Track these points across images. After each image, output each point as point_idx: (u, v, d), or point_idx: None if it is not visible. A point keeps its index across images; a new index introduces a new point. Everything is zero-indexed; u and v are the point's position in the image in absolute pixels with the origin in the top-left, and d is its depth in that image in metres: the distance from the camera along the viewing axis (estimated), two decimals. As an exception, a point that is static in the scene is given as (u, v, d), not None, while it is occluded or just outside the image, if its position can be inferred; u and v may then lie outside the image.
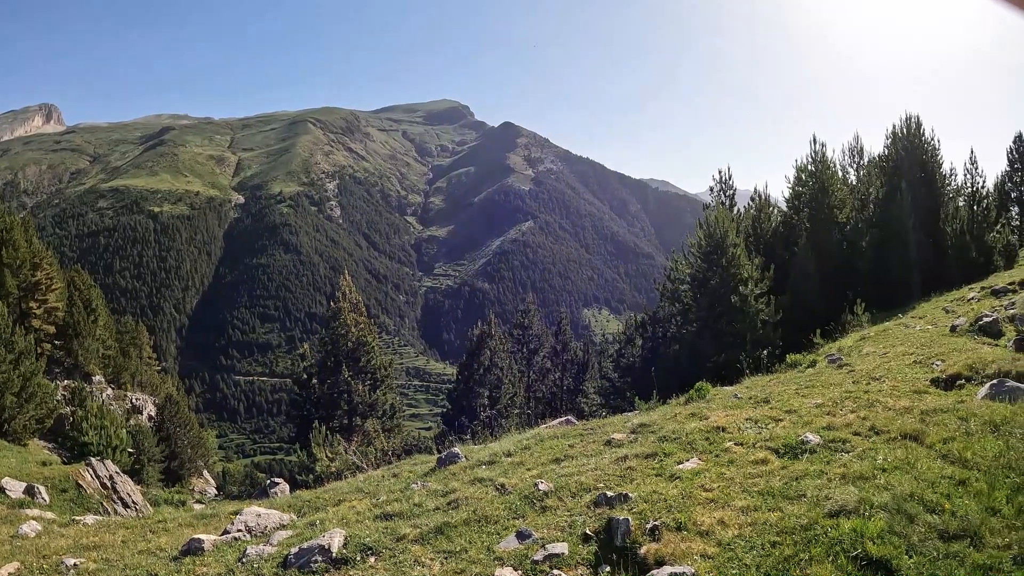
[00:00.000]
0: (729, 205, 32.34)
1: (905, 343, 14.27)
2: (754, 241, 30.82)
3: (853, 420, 8.43)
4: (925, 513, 5.47)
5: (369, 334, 28.62)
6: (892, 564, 4.81)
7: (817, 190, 31.95)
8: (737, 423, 9.01)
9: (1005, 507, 5.43)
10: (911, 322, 17.87)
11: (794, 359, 16.06)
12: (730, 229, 25.37)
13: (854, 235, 31.65)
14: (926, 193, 31.94)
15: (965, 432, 7.28)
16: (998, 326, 13.22)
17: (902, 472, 6.38)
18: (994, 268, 28.88)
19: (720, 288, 24.08)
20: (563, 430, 10.80)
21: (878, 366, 12.30)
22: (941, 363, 11.33)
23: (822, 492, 6.07)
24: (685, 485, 6.80)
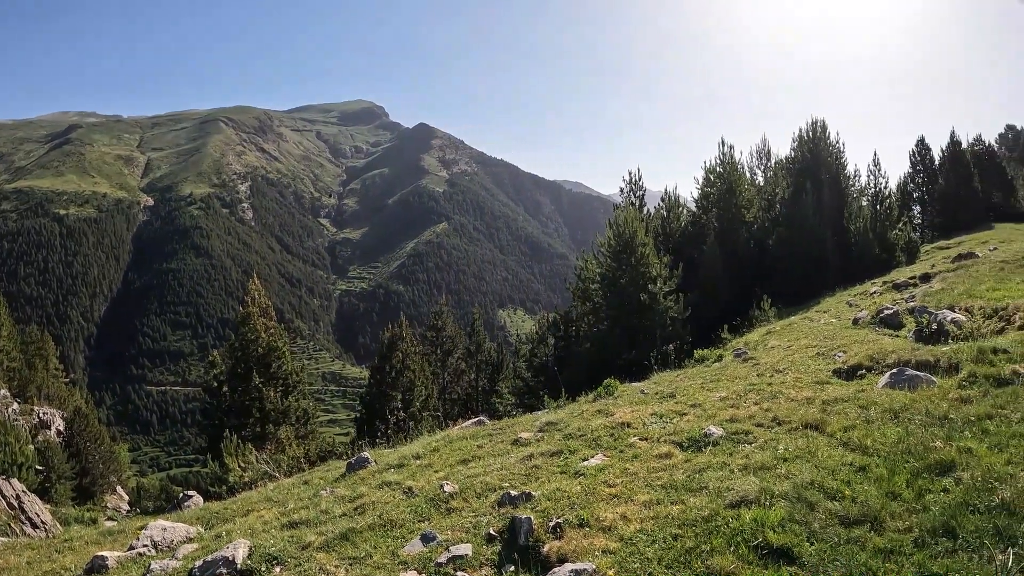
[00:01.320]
0: (639, 206, 33.42)
1: (809, 336, 14.80)
2: (663, 240, 32.13)
3: (756, 412, 8.67)
4: (826, 500, 5.60)
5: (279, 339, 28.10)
6: (793, 552, 4.89)
7: (725, 190, 33.73)
8: (642, 418, 9.17)
9: (905, 491, 5.59)
10: (816, 316, 18.62)
11: (702, 354, 16.54)
12: (639, 229, 26.10)
13: (761, 233, 33.44)
14: (831, 193, 34.02)
15: (865, 420, 7.53)
16: (898, 318, 13.87)
17: (803, 461, 6.55)
18: (896, 264, 30.93)
19: (629, 287, 24.77)
20: (473, 431, 10.95)
21: (782, 359, 12.72)
22: (843, 354, 11.77)
23: (724, 483, 6.19)
24: (589, 482, 6.88)
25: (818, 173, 34.65)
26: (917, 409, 7.56)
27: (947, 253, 29.42)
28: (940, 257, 28.86)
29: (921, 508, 5.30)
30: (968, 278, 17.33)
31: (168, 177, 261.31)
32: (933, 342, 11.46)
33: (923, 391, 8.36)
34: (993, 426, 6.75)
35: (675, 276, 26.42)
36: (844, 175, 36.43)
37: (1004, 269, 17.65)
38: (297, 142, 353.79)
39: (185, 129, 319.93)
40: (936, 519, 5.05)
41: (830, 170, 35.40)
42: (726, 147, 34.97)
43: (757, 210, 34.80)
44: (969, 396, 7.80)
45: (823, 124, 36.23)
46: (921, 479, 5.78)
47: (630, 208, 29.56)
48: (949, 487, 5.57)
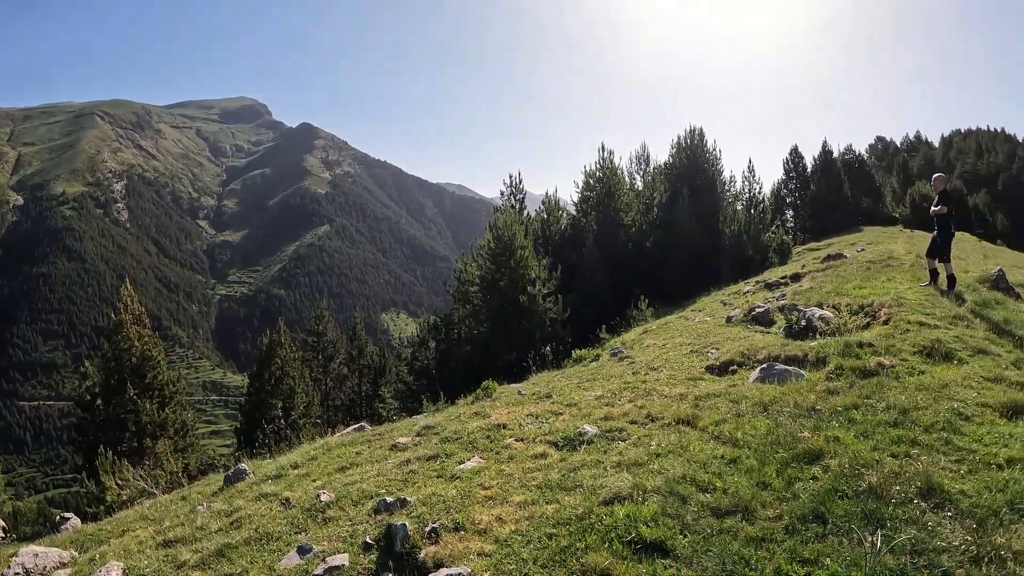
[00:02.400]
0: (519, 208, 34.50)
1: (684, 334, 15.27)
2: (543, 243, 33.22)
3: (631, 409, 8.83)
4: (698, 493, 5.75)
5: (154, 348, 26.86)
6: (667, 545, 5.00)
7: (604, 194, 35.23)
8: (519, 419, 9.25)
9: (775, 481, 5.81)
10: (691, 315, 19.27)
11: (579, 354, 16.84)
12: (518, 231, 26.59)
13: (639, 236, 35.07)
14: (707, 197, 36.20)
15: (736, 414, 7.79)
16: (770, 316, 14.53)
17: (676, 456, 6.71)
18: (769, 264, 32.98)
19: (509, 289, 25.16)
20: (352, 437, 10.89)
21: (657, 357, 13.04)
22: (716, 351, 12.18)
23: (598, 481, 6.28)
24: (465, 485, 6.90)
25: (695, 178, 36.80)
26: (786, 402, 7.89)
27: (817, 254, 31.12)
28: (811, 258, 30.50)
29: (791, 496, 5.51)
30: (836, 277, 18.36)
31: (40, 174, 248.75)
32: (802, 338, 12.00)
33: (792, 384, 8.75)
34: (859, 415, 7.13)
35: (554, 278, 27.10)
36: (720, 180, 38.88)
37: (870, 269, 18.78)
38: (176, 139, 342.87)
39: (59, 123, 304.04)
40: (806, 506, 5.27)
41: (707, 176, 37.68)
42: (606, 152, 36.55)
43: (636, 213, 36.34)
44: (836, 388, 8.21)
45: (700, 132, 38.54)
46: (791, 468, 6.02)
47: (510, 211, 30.16)
48: (818, 475, 5.82)
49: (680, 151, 38.32)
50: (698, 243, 33.28)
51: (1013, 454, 5.97)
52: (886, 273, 17.35)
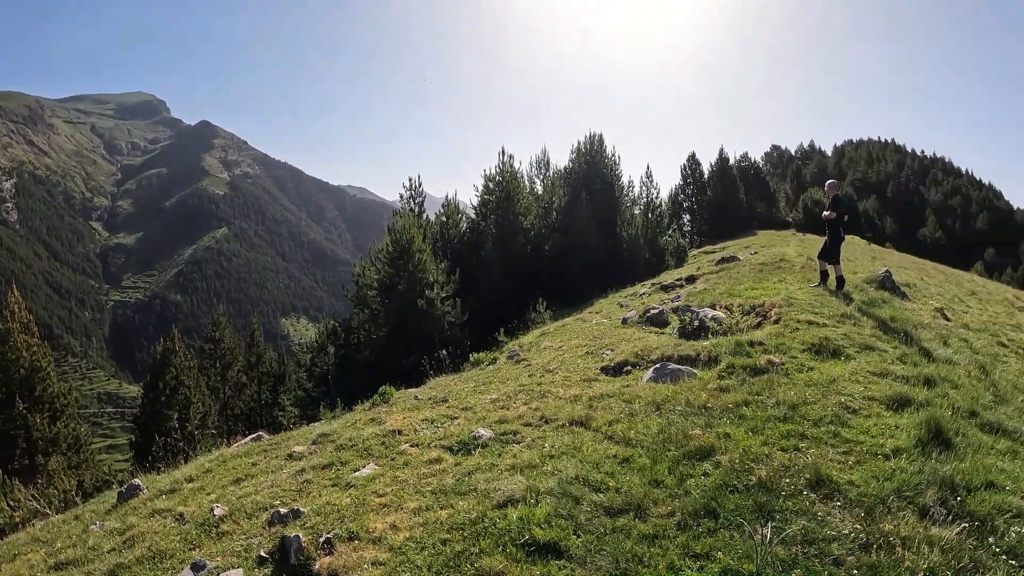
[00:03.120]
0: (418, 212, 34.67)
1: (580, 336, 15.38)
2: (442, 246, 33.32)
3: (525, 412, 8.84)
4: (591, 493, 5.75)
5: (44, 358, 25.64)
6: (560, 545, 5.00)
7: (504, 198, 35.66)
8: (414, 425, 9.18)
9: (668, 478, 5.86)
10: (588, 316, 19.49)
11: (477, 357, 16.90)
12: (416, 235, 26.79)
13: (538, 239, 35.60)
14: (606, 202, 37.32)
15: (629, 414, 7.86)
16: (664, 317, 14.79)
17: (569, 457, 6.72)
18: (666, 266, 34.06)
19: (407, 293, 25.35)
20: (248, 447, 10.66)
21: (553, 359, 13.09)
22: (611, 352, 12.29)
23: (492, 485, 6.26)
24: (359, 493, 6.80)
25: (594, 183, 37.93)
26: (678, 400, 8.00)
27: (712, 257, 32.06)
28: (706, 260, 31.36)
29: (683, 493, 5.56)
30: (729, 279, 18.89)
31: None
32: (695, 338, 12.24)
33: (684, 383, 8.90)
34: (750, 412, 7.29)
35: (452, 281, 27.39)
36: (619, 185, 40.03)
37: (762, 271, 19.42)
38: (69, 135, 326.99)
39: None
40: (698, 502, 5.32)
41: (605, 180, 38.82)
42: (506, 156, 37.09)
43: (535, 217, 36.93)
44: (727, 386, 8.39)
45: (600, 138, 39.81)
46: (683, 466, 6.08)
47: (408, 214, 30.50)
48: (709, 471, 5.91)
49: (580, 156, 39.36)
50: (596, 246, 34.15)
51: (899, 444, 6.23)
52: (778, 275, 17.97)
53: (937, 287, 21.17)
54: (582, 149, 39.49)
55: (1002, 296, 24.69)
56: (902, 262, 33.20)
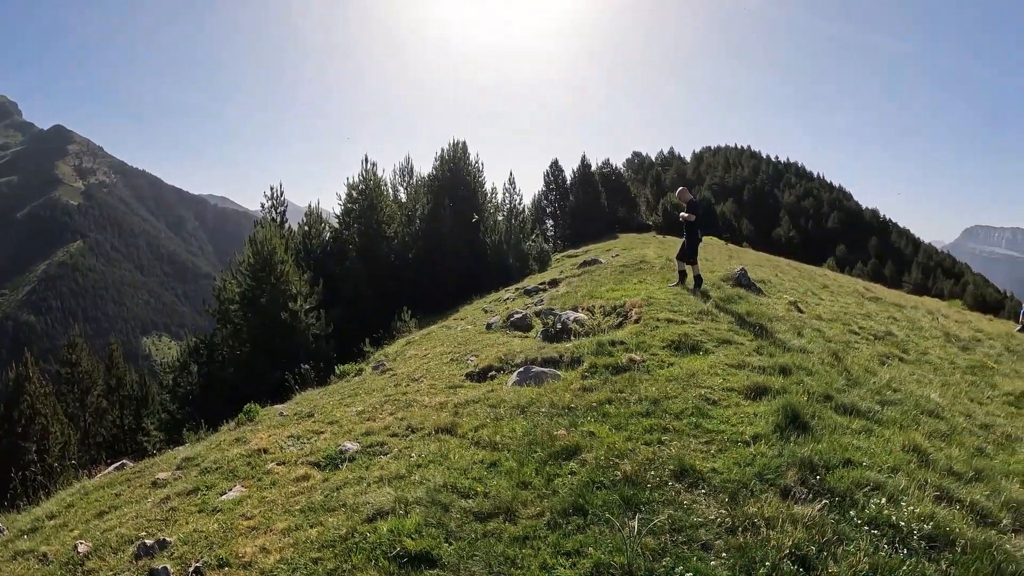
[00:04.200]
0: (280, 221, 34.04)
1: (445, 343, 15.45)
2: (305, 257, 32.87)
3: (392, 422, 8.81)
4: (460, 500, 5.75)
5: None
6: (433, 554, 4.98)
7: (367, 206, 35.60)
8: (280, 442, 9.02)
9: (535, 479, 5.90)
10: (453, 323, 19.55)
11: (343, 369, 16.74)
12: (279, 245, 26.40)
13: (403, 248, 35.66)
14: (469, 209, 37.74)
15: (495, 418, 7.92)
16: (528, 321, 15.01)
17: (437, 465, 6.72)
18: (530, 271, 34.62)
19: (270, 306, 25.03)
20: (112, 477, 10.25)
21: (419, 367, 13.13)
22: (475, 358, 12.42)
23: (360, 498, 6.21)
24: (227, 517, 6.63)
25: (458, 190, 38.36)
26: (543, 402, 8.10)
27: (575, 260, 32.86)
28: (569, 264, 32.19)
29: (551, 492, 5.61)
30: (591, 281, 19.37)
31: None
32: (559, 340, 12.43)
33: (549, 385, 9.02)
34: (613, 409, 7.44)
35: (316, 292, 27.15)
36: (482, 192, 40.58)
37: (623, 272, 19.99)
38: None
39: None
40: (566, 500, 5.37)
41: (469, 187, 39.24)
42: (369, 164, 36.99)
43: (398, 225, 36.93)
44: (591, 385, 8.54)
45: (464, 145, 40.18)
46: (549, 466, 6.14)
47: (270, 224, 29.83)
48: (576, 469, 5.98)
49: (443, 164, 39.59)
50: (460, 253, 34.52)
51: (758, 431, 6.52)
52: (638, 276, 18.56)
53: (791, 282, 22.34)
54: (446, 156, 39.76)
55: (852, 288, 26.36)
56: (758, 260, 34.91)
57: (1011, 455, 7.27)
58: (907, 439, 6.71)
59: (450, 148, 39.90)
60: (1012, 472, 6.58)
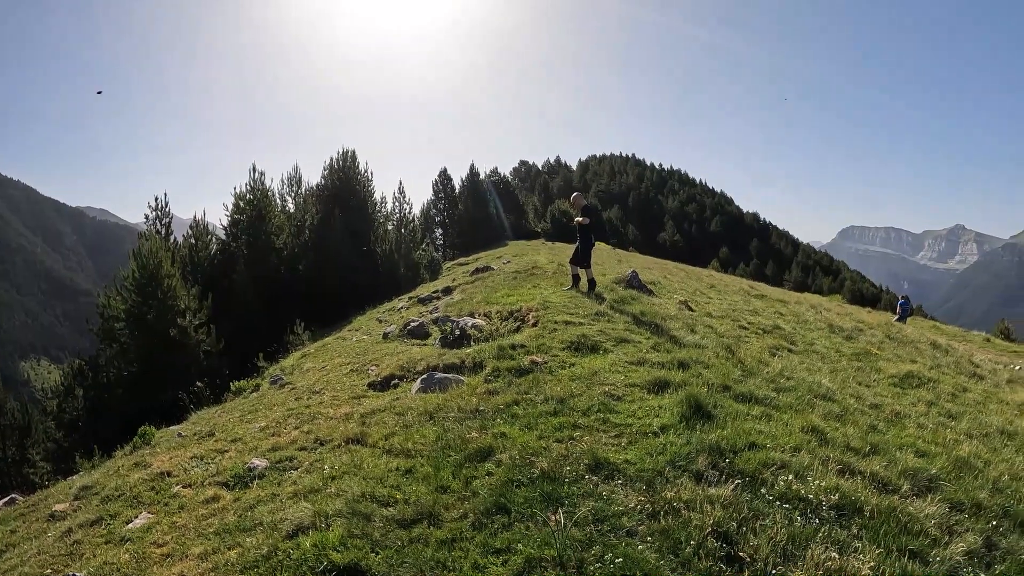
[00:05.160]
0: (165, 234, 32.58)
1: (343, 355, 15.33)
2: (192, 270, 31.84)
3: (298, 436, 8.70)
4: (381, 508, 5.71)
5: None
6: (361, 565, 4.92)
7: (255, 217, 34.78)
8: (183, 464, 8.76)
9: (454, 483, 5.94)
10: (348, 335, 19.40)
11: (239, 386, 16.30)
12: (165, 259, 25.65)
13: (293, 259, 35.13)
14: (360, 218, 37.69)
15: (404, 425, 7.92)
16: (425, 328, 15.03)
17: (351, 476, 6.64)
18: (421, 280, 34.76)
19: (158, 322, 24.35)
20: (4, 513, 9.66)
21: (319, 380, 12.98)
22: (376, 368, 12.38)
23: (277, 515, 6.08)
24: (138, 546, 6.37)
25: (347, 199, 38.09)
26: (450, 407, 8.14)
27: (467, 268, 33.06)
28: (461, 272, 32.38)
29: (472, 494, 5.65)
30: (485, 288, 19.56)
31: None
32: (458, 346, 12.50)
33: (454, 390, 9.08)
34: (521, 410, 7.57)
35: (205, 307, 26.50)
36: (372, 201, 40.44)
37: (516, 278, 20.27)
38: None
39: None
40: (487, 500, 5.43)
41: (359, 197, 39.00)
42: (257, 173, 35.92)
43: (287, 236, 36.25)
44: (496, 388, 8.66)
45: (353, 154, 39.95)
46: (466, 469, 6.19)
47: (155, 237, 28.84)
48: (492, 470, 6.05)
49: (333, 172, 39.33)
50: (351, 264, 34.26)
51: (664, 422, 6.79)
52: (532, 281, 18.86)
53: (680, 283, 23.15)
54: (335, 165, 39.45)
55: (738, 287, 27.53)
56: (646, 264, 36.02)
57: (901, 430, 7.89)
58: (805, 421, 7.16)
59: (339, 157, 39.59)
60: (904, 444, 7.21)
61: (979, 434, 8.70)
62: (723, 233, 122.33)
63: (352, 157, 39.64)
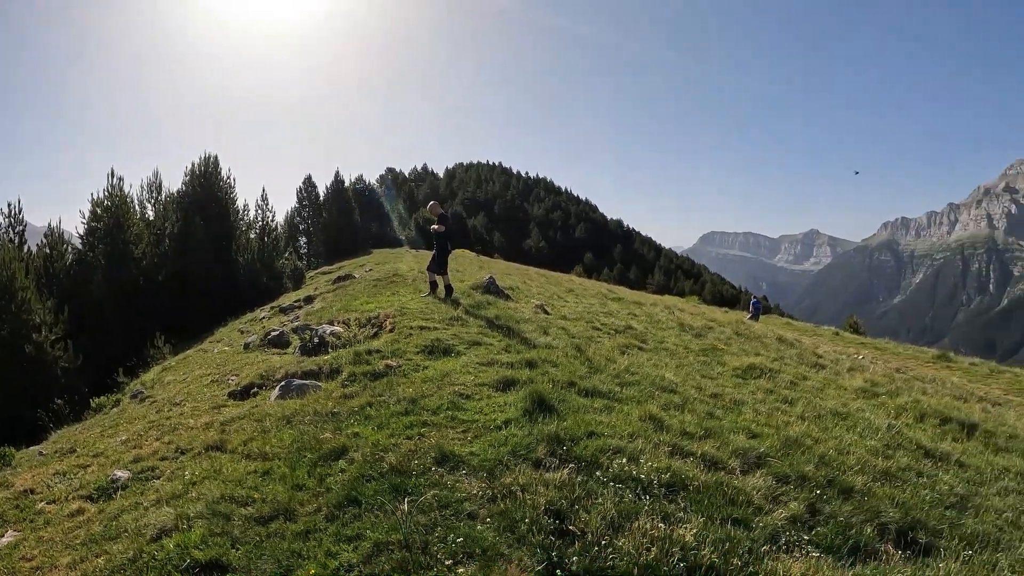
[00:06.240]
0: (19, 243, 30.45)
1: (204, 366, 15.18)
2: (47, 282, 30.02)
3: (159, 447, 8.78)
4: (239, 508, 5.91)
5: None
6: (223, 560, 5.12)
7: (113, 225, 32.95)
8: (46, 481, 8.71)
9: (309, 481, 6.19)
10: (210, 346, 19.08)
11: (99, 402, 16.01)
12: (18, 270, 24.21)
13: (152, 269, 33.61)
14: (222, 226, 36.34)
15: (263, 430, 8.11)
16: (286, 337, 15.05)
17: (211, 480, 6.81)
18: (284, 290, 34.08)
19: (12, 338, 23.00)
20: None
21: (180, 392, 12.90)
22: (236, 377, 12.43)
23: (141, 521, 6.20)
24: (6, 563, 6.39)
25: (209, 207, 36.53)
26: (307, 411, 8.37)
27: (330, 276, 32.83)
28: (323, 281, 32.18)
29: (325, 490, 5.92)
30: (346, 296, 19.63)
31: None
32: (317, 354, 12.62)
33: (311, 396, 9.32)
34: (374, 411, 7.85)
35: (61, 321, 25.32)
36: (234, 209, 39.07)
37: (377, 286, 20.41)
38: None
39: None
40: (340, 495, 5.70)
41: (221, 204, 37.57)
42: (115, 179, 33.94)
43: (147, 245, 34.58)
44: (351, 392, 8.94)
45: (215, 159, 38.36)
46: (320, 467, 6.45)
47: (8, 246, 26.90)
48: (345, 467, 6.32)
49: (194, 178, 37.65)
50: (213, 273, 33.18)
51: (509, 416, 7.24)
52: (391, 288, 19.07)
53: (539, 288, 23.80)
54: (196, 171, 37.84)
55: (596, 291, 28.42)
56: (508, 270, 36.60)
57: (738, 416, 8.65)
58: (644, 411, 7.76)
59: (201, 162, 38.02)
60: (739, 428, 7.94)
61: (812, 416, 9.55)
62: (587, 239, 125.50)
63: (214, 163, 38.22)
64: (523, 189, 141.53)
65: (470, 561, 4.65)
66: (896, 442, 8.95)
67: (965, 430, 11.08)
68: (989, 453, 9.95)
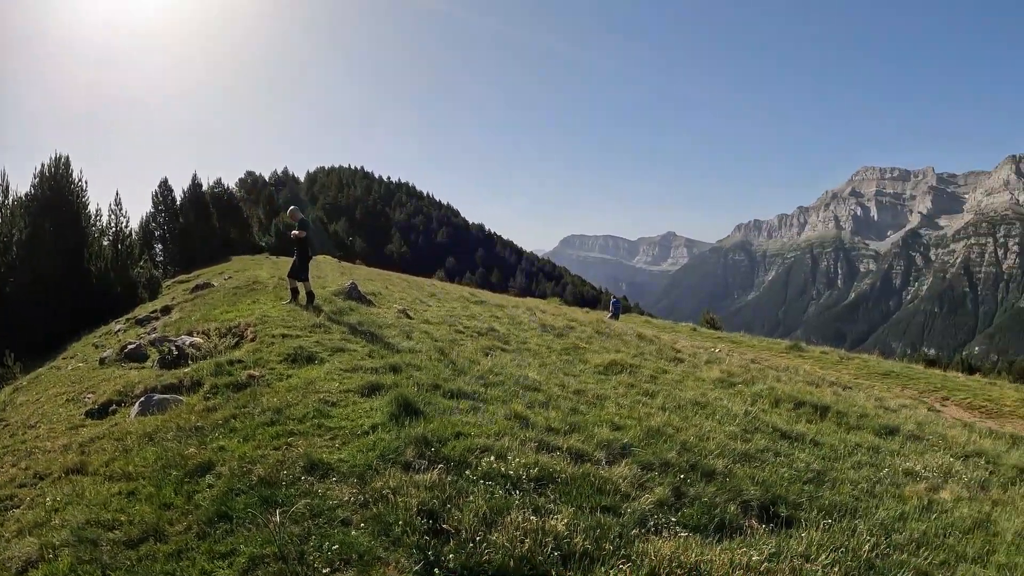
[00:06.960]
0: None
1: (58, 384, 14.30)
2: None
3: (16, 473, 8.26)
4: (106, 532, 5.68)
5: None
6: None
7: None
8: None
9: (176, 499, 6.02)
10: (63, 363, 17.95)
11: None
12: None
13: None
14: (73, 233, 33.58)
15: (124, 450, 7.78)
16: (143, 351, 14.38)
17: (74, 505, 6.48)
18: (140, 300, 32.18)
19: None
20: None
21: (33, 413, 12.17)
22: (93, 395, 11.80)
23: (4, 555, 5.83)
24: None
25: (60, 213, 33.63)
26: (169, 427, 8.10)
27: (187, 285, 31.41)
28: (181, 290, 30.83)
29: (194, 507, 5.78)
30: (205, 305, 19.02)
31: None
32: (176, 366, 12.15)
33: (173, 411, 9.00)
34: (239, 423, 7.72)
35: None
36: (86, 214, 35.95)
37: (236, 294, 19.85)
38: None
39: None
40: (209, 511, 5.60)
41: (72, 209, 34.61)
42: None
43: (-9, 255, 31.55)
44: (214, 405, 8.72)
45: (67, 160, 35.09)
46: (187, 484, 6.29)
47: None
48: (213, 482, 6.19)
49: (43, 181, 34.37)
50: (65, 284, 30.79)
51: (376, 421, 7.32)
52: (252, 296, 18.59)
53: (401, 293, 23.73)
54: (46, 173, 34.55)
55: (459, 295, 28.54)
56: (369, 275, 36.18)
57: (602, 410, 9.05)
58: (509, 410, 8.04)
59: (51, 164, 34.66)
60: (603, 421, 8.36)
61: (673, 407, 10.11)
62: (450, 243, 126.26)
63: (66, 163, 35.06)
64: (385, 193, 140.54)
65: (347, 567, 4.71)
66: (754, 426, 9.64)
67: (818, 412, 12.07)
68: (842, 432, 10.90)
